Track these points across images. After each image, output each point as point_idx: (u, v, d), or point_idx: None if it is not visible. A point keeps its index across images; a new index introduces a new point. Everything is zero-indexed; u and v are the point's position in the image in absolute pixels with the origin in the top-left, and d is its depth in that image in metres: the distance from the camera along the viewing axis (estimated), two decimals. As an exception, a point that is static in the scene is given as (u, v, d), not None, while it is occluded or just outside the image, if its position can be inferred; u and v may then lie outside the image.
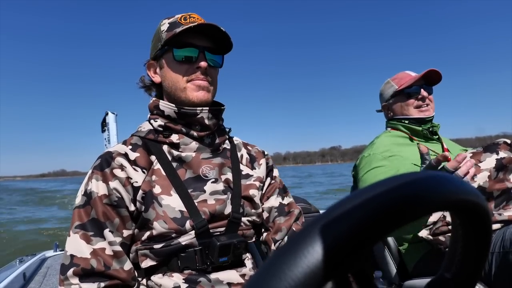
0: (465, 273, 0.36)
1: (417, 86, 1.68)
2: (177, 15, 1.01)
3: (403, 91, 1.71)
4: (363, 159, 1.60)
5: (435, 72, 1.67)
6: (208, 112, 0.98)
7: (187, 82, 0.97)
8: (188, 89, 0.97)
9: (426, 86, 1.69)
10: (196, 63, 0.97)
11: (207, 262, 0.90)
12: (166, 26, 0.99)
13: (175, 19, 0.99)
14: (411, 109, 1.70)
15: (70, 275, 0.84)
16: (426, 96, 1.67)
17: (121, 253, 0.88)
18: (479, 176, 1.39)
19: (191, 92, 0.97)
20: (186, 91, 0.97)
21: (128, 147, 0.97)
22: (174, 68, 0.98)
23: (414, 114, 1.69)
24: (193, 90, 0.97)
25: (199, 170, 0.98)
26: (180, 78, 0.98)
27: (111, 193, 0.89)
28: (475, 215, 0.31)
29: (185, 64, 0.97)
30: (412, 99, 1.70)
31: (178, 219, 0.90)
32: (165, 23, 1.00)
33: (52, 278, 2.15)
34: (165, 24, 1.00)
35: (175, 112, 0.98)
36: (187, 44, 0.97)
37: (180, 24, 0.97)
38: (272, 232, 1.07)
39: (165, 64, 1.00)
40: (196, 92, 0.97)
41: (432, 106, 1.71)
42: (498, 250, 1.27)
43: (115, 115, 3.45)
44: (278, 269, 0.22)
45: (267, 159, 1.16)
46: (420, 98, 1.68)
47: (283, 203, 1.11)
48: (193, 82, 0.97)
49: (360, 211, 0.23)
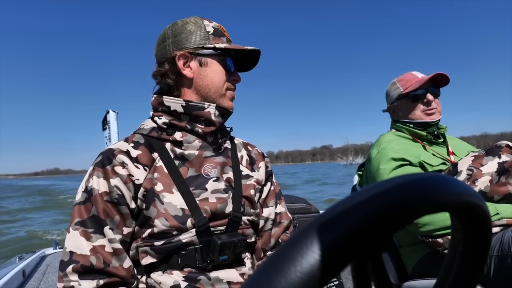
0: (464, 276, 0.36)
1: (423, 89, 1.64)
2: (211, 22, 1.04)
3: (408, 94, 1.67)
4: (377, 154, 1.57)
5: (443, 75, 1.63)
6: (215, 109, 1.00)
7: (226, 90, 1.04)
8: (226, 97, 1.04)
9: (433, 89, 1.65)
10: (234, 75, 1.06)
11: (207, 260, 0.91)
12: (211, 28, 1.02)
13: (215, 25, 1.04)
14: (417, 112, 1.66)
15: (69, 271, 0.84)
16: (432, 100, 1.63)
17: (121, 251, 0.89)
18: (480, 181, 1.37)
19: (227, 100, 1.04)
20: (224, 97, 1.03)
21: (130, 144, 0.97)
22: (220, 73, 1.02)
23: (420, 118, 1.65)
24: (229, 99, 1.04)
25: (201, 169, 0.99)
26: (222, 84, 1.03)
27: (112, 190, 0.89)
28: (475, 217, 0.31)
29: (228, 73, 1.04)
30: (417, 103, 1.65)
31: (179, 217, 0.90)
32: (208, 24, 1.03)
33: (51, 275, 2.15)
34: (209, 26, 1.02)
35: (182, 106, 0.98)
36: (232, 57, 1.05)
37: (222, 33, 1.04)
38: (261, 242, 1.08)
39: (210, 65, 1.01)
40: (230, 101, 1.05)
41: (439, 109, 1.67)
42: (496, 253, 1.27)
43: (116, 113, 3.45)
44: (277, 269, 0.22)
45: (267, 163, 1.17)
46: (426, 102, 1.64)
47: (276, 212, 1.12)
48: (230, 92, 1.05)
49: (359, 212, 0.23)
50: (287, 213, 1.16)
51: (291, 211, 1.77)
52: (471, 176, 1.38)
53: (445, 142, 1.68)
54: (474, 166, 1.40)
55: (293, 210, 1.81)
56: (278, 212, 1.13)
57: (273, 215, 1.10)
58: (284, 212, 1.15)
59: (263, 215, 1.09)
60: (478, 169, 1.38)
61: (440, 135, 1.68)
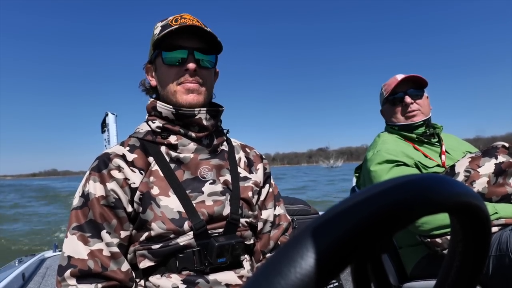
0: (464, 277, 0.36)
1: (402, 92, 1.66)
2: (170, 17, 1.01)
3: (388, 98, 1.70)
4: (373, 156, 1.59)
5: (414, 77, 1.64)
6: (206, 113, 0.99)
7: (177, 85, 0.98)
8: (178, 93, 0.98)
9: (413, 90, 1.66)
10: (185, 65, 0.96)
11: (205, 263, 0.90)
12: (158, 29, 0.99)
13: (167, 21, 0.99)
14: (398, 116, 1.69)
15: (67, 276, 0.84)
16: (411, 102, 1.64)
17: (119, 254, 0.88)
18: (478, 182, 1.37)
19: (181, 96, 0.97)
20: (176, 95, 0.98)
21: (126, 148, 0.97)
22: (164, 71, 1.00)
23: (401, 121, 1.68)
24: (182, 94, 0.97)
25: (197, 171, 0.98)
26: (171, 81, 0.99)
27: (109, 194, 0.89)
28: (474, 218, 0.31)
29: (175, 67, 0.98)
30: (397, 107, 1.68)
31: (176, 220, 0.90)
32: (158, 26, 1.01)
33: (51, 278, 2.14)
34: (158, 28, 1.00)
35: (172, 114, 0.98)
36: (176, 46, 0.97)
37: (170, 26, 0.96)
38: (260, 244, 1.07)
39: (157, 68, 1.02)
40: (185, 95, 0.97)
41: (424, 110, 1.67)
42: (494, 253, 1.27)
43: (115, 116, 3.45)
44: (277, 270, 0.22)
45: (265, 165, 1.16)
46: (404, 105, 1.65)
47: (274, 214, 1.12)
48: (183, 85, 0.97)
49: (358, 213, 0.23)
50: (286, 215, 1.15)
51: (291, 213, 1.77)
52: (469, 178, 1.39)
53: (440, 142, 1.68)
54: (471, 167, 1.40)
55: (292, 212, 1.81)
56: (277, 214, 1.12)
57: (272, 217, 1.10)
58: (283, 214, 1.14)
59: (261, 217, 1.08)
60: (475, 171, 1.39)
61: (435, 135, 1.68)
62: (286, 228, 1.11)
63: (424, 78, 1.66)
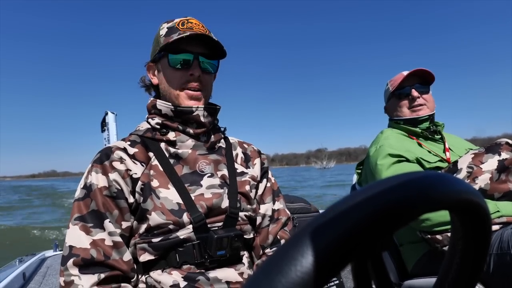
0: (464, 274, 0.36)
1: (409, 86, 1.68)
2: (176, 19, 1.03)
3: (395, 93, 1.72)
4: (375, 151, 1.59)
5: (423, 71, 1.66)
6: (204, 110, 1.02)
7: (181, 90, 1.01)
8: (181, 97, 1.01)
9: (419, 85, 1.69)
10: (190, 70, 1.00)
11: (205, 256, 0.92)
12: (164, 30, 1.02)
13: (173, 23, 1.02)
14: (404, 110, 1.71)
15: (70, 265, 0.84)
16: (417, 96, 1.67)
17: (121, 244, 0.89)
18: (480, 178, 1.38)
19: (183, 100, 1.01)
20: (179, 98, 1.01)
21: (127, 143, 1.00)
22: (169, 74, 1.02)
23: (407, 114, 1.70)
24: (185, 99, 1.01)
25: (195, 166, 1.01)
26: (175, 84, 1.01)
27: (111, 184, 0.91)
28: (475, 215, 0.31)
29: (180, 71, 1.00)
30: (404, 100, 1.70)
31: (175, 211, 0.92)
32: (164, 27, 1.03)
33: (51, 278, 2.15)
34: (164, 29, 1.03)
35: (171, 111, 1.01)
36: (182, 50, 1.00)
37: (177, 29, 0.99)
38: (260, 239, 1.08)
39: (162, 68, 1.04)
40: (188, 101, 1.01)
41: (430, 105, 1.69)
42: (495, 251, 1.27)
43: (114, 115, 3.45)
44: (278, 268, 0.22)
45: (263, 159, 1.17)
46: (411, 98, 1.68)
47: (273, 209, 1.12)
48: (186, 91, 1.01)
49: (359, 211, 0.23)
50: (285, 209, 1.16)
51: (291, 211, 1.77)
52: (471, 174, 1.39)
53: (442, 139, 1.70)
54: (474, 163, 1.40)
55: (292, 210, 1.81)
56: (276, 209, 1.13)
57: (270, 211, 1.11)
58: (282, 209, 1.15)
59: (260, 211, 1.09)
60: (478, 167, 1.39)
61: (437, 132, 1.69)
62: (285, 223, 1.12)
63: (432, 72, 1.67)
